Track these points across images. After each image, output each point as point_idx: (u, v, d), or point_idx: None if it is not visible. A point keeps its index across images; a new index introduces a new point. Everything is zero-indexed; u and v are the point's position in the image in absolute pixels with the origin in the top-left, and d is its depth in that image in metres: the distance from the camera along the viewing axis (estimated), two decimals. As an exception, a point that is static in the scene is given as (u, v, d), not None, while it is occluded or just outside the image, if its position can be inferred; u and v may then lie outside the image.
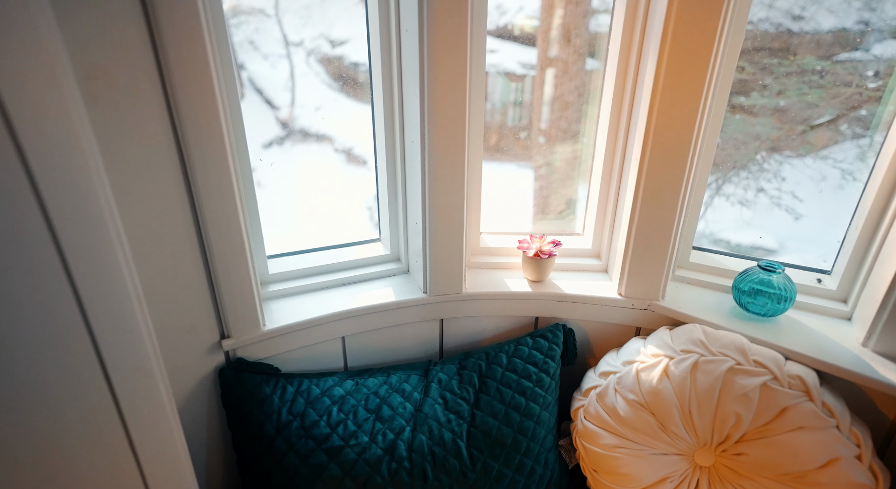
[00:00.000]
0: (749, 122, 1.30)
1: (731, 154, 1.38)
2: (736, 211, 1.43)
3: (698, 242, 1.37)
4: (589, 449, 1.13)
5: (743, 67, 1.22)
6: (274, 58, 1.27)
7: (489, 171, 1.43)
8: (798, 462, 0.94)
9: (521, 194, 1.46)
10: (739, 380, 0.99)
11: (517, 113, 1.38)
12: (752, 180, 1.41)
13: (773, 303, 1.12)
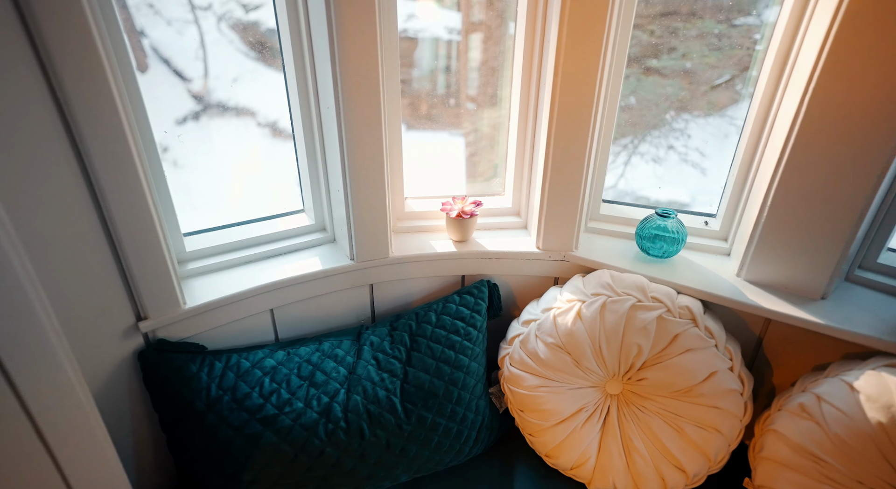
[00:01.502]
0: (660, 83, 1.39)
1: (644, 115, 1.47)
2: (650, 168, 1.55)
3: (622, 199, 1.48)
4: (515, 392, 1.23)
5: (653, 31, 1.30)
6: (179, 23, 1.18)
7: (421, 139, 1.45)
8: (687, 379, 1.08)
9: (454, 161, 1.49)
10: (640, 315, 1.11)
11: (446, 80, 1.39)
12: (663, 139, 1.52)
13: (669, 246, 1.25)
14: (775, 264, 1.13)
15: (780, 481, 1.01)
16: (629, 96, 1.52)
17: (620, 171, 1.63)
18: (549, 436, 1.19)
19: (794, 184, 1.05)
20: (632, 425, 1.14)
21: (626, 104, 1.47)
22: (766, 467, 1.04)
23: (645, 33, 1.36)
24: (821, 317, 1.05)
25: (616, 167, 1.58)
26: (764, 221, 1.11)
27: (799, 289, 1.12)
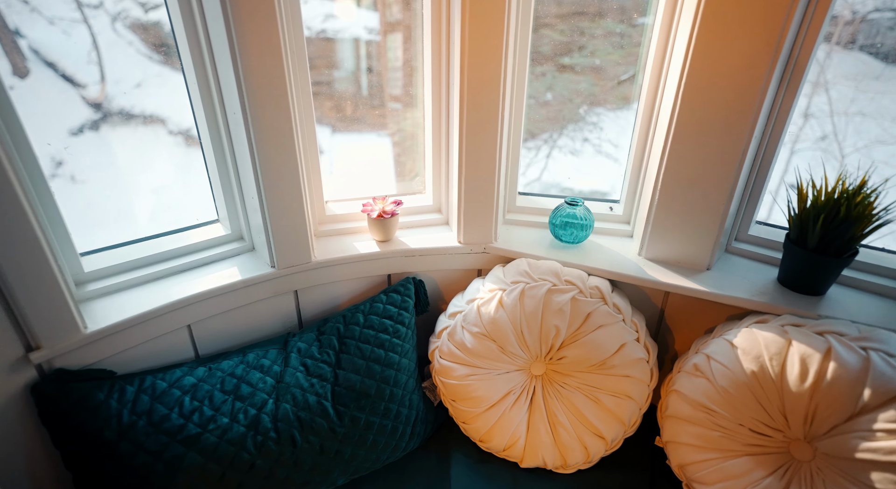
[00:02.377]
0: (574, 79, 1.48)
1: (561, 110, 1.56)
2: (569, 160, 1.65)
3: (549, 191, 1.55)
4: (446, 383, 1.27)
5: (563, 30, 1.38)
6: (65, 23, 1.08)
7: (349, 141, 1.44)
8: (600, 353, 1.17)
9: (383, 162, 1.49)
10: (556, 299, 1.19)
11: (369, 81, 1.39)
12: (579, 132, 1.62)
13: (579, 232, 1.34)
14: (668, 242, 1.26)
15: (682, 435, 1.13)
16: (546, 93, 1.61)
17: (543, 164, 1.72)
18: (481, 422, 1.24)
19: (677, 170, 1.17)
20: (555, 402, 1.22)
21: (544, 100, 1.56)
22: (670, 424, 1.16)
23: (555, 32, 1.45)
24: (707, 285, 1.19)
25: (539, 160, 1.67)
26: (656, 205, 1.24)
27: (689, 263, 1.26)
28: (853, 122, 1.29)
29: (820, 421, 0.95)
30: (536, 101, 1.55)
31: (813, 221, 1.07)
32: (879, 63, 1.19)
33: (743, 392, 1.03)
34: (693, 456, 1.11)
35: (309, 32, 1.28)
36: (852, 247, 1.07)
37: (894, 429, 0.87)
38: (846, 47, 1.25)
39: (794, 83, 1.10)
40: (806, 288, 1.13)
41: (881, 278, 1.13)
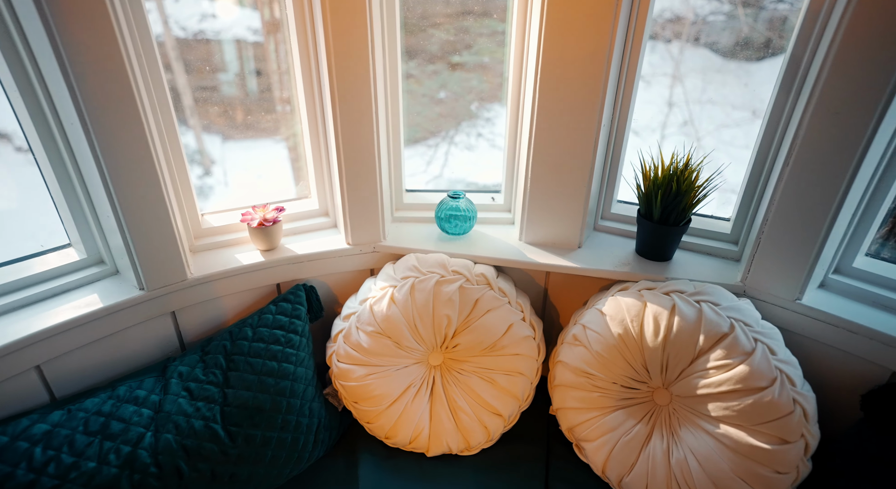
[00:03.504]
0: (465, 77, 1.52)
1: (454, 107, 1.60)
2: (465, 156, 1.69)
3: (453, 187, 1.57)
4: (346, 386, 1.26)
5: (448, 29, 1.41)
6: None
7: (242, 149, 1.35)
8: (491, 335, 1.24)
9: (280, 169, 1.43)
10: (444, 289, 1.24)
11: (259, 84, 1.32)
12: (473, 128, 1.67)
13: (463, 223, 1.40)
14: (543, 226, 1.37)
15: (568, 400, 1.23)
16: (440, 90, 1.64)
17: (443, 160, 1.76)
18: (384, 419, 1.25)
19: (542, 158, 1.27)
20: (454, 388, 1.27)
21: (438, 98, 1.59)
22: (558, 393, 1.26)
23: (443, 31, 1.49)
24: (579, 262, 1.31)
25: (439, 157, 1.71)
26: (529, 192, 1.33)
27: (562, 244, 1.37)
28: (705, 109, 1.49)
29: (672, 368, 1.10)
30: (431, 99, 1.59)
31: (654, 197, 1.22)
32: (719, 58, 1.38)
33: (613, 353, 1.15)
34: (578, 417, 1.21)
35: (184, 33, 1.19)
36: (686, 215, 1.24)
37: (721, 365, 1.03)
38: (694, 44, 1.44)
39: (631, 75, 1.25)
40: (656, 255, 1.29)
41: (710, 240, 1.32)
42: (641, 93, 1.36)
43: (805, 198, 1.03)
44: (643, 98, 1.47)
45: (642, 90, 1.42)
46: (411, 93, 1.52)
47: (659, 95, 1.45)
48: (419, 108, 1.58)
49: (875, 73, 0.89)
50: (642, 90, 1.42)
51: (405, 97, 1.41)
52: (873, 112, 0.92)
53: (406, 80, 1.44)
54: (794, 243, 1.08)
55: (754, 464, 0.99)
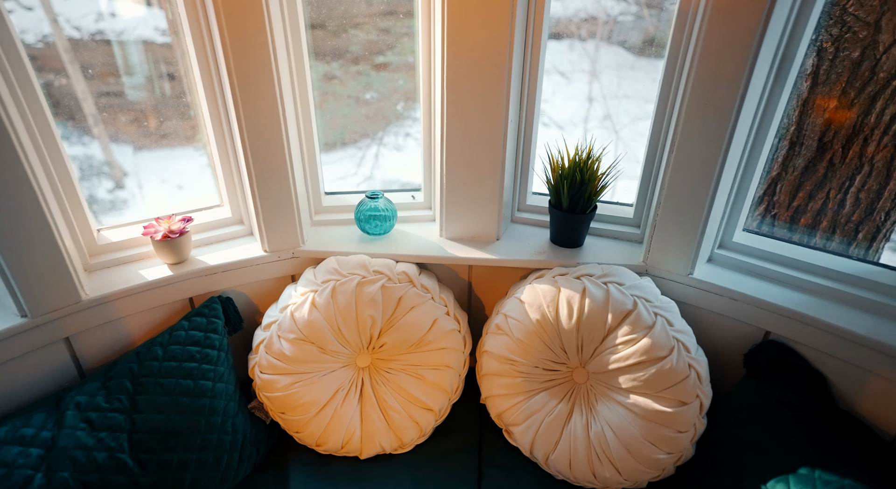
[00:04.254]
0: (390, 77, 1.50)
1: (381, 108, 1.58)
2: (395, 156, 1.68)
3: (388, 187, 1.56)
4: (271, 397, 1.22)
5: (369, 29, 1.38)
6: None
7: (159, 158, 1.26)
8: (416, 332, 1.25)
9: (201, 178, 1.35)
10: (366, 290, 1.23)
11: (173, 89, 1.22)
12: (401, 128, 1.66)
13: (383, 223, 1.40)
14: (462, 221, 1.40)
15: (495, 388, 1.27)
16: (365, 91, 1.62)
17: (373, 161, 1.74)
18: (314, 427, 1.23)
19: (455, 154, 1.30)
20: (383, 388, 1.27)
21: (364, 99, 1.57)
22: (486, 381, 1.30)
23: (363, 32, 1.47)
24: (498, 254, 1.35)
25: (368, 159, 1.69)
26: (445, 188, 1.36)
27: (482, 237, 1.42)
28: (622, 103, 1.58)
29: (587, 347, 1.17)
30: (356, 101, 1.56)
31: (562, 187, 1.29)
32: (631, 55, 1.47)
33: (533, 339, 1.21)
34: (505, 403, 1.26)
35: (78, 34, 1.10)
36: (592, 203, 1.32)
37: (628, 340, 1.11)
38: (608, 42, 1.52)
39: (534, 72, 1.31)
40: (569, 242, 1.36)
41: (616, 225, 1.42)
42: (563, 89, 1.43)
43: (687, 181, 1.14)
44: (566, 94, 1.54)
45: (564, 86, 1.49)
46: (335, 94, 1.50)
47: (580, 91, 1.54)
48: (345, 109, 1.56)
49: (733, 68, 1.00)
50: (564, 86, 1.49)
51: (317, 98, 1.39)
52: (733, 104, 1.03)
53: (329, 82, 1.42)
54: (682, 224, 1.18)
55: (659, 427, 1.08)
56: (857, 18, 1.16)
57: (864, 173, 1.27)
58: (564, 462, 1.18)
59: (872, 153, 1.24)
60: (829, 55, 1.20)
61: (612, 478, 1.14)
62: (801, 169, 1.31)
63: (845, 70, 1.19)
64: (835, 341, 1.04)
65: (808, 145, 1.28)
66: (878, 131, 1.22)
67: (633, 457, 1.10)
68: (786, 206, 1.35)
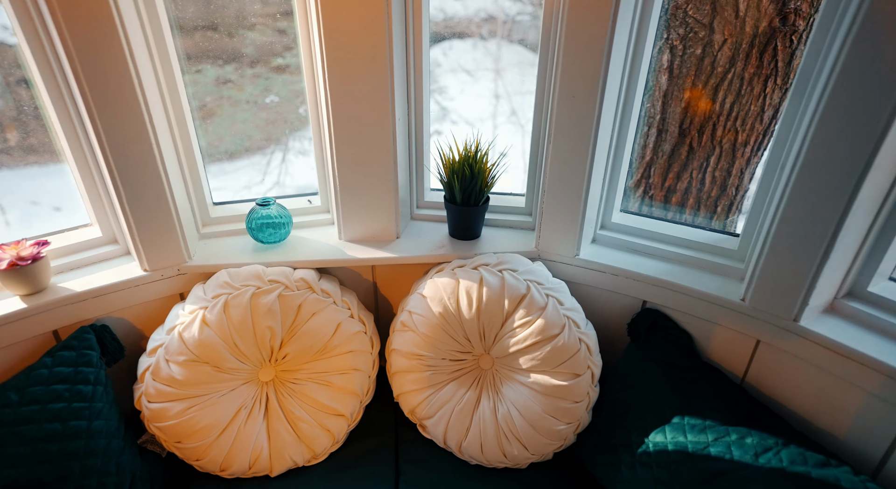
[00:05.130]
0: (291, 80, 1.42)
1: (282, 111, 1.49)
2: (302, 161, 1.60)
3: (303, 192, 1.49)
4: (163, 427, 1.13)
5: (263, 30, 1.31)
6: None
7: (22, 177, 1.11)
8: (320, 338, 1.22)
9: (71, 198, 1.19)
10: (262, 301, 1.18)
11: (32, 97, 1.04)
12: (306, 132, 1.58)
13: (278, 230, 1.35)
14: (360, 222, 1.39)
15: (405, 384, 1.28)
16: (265, 95, 1.52)
17: (281, 168, 1.65)
18: (215, 452, 1.15)
19: (345, 155, 1.29)
20: (290, 400, 1.23)
21: (265, 103, 1.48)
22: (396, 379, 1.30)
23: (257, 33, 1.38)
24: (399, 252, 1.36)
25: (275, 165, 1.60)
26: (339, 190, 1.33)
27: (381, 237, 1.41)
28: (525, 98, 1.64)
29: (488, 334, 1.22)
30: (256, 105, 1.47)
31: (454, 182, 1.33)
32: (531, 53, 1.52)
33: (437, 332, 1.23)
34: (417, 398, 1.27)
35: None
36: (484, 195, 1.37)
37: (524, 323, 1.17)
38: (509, 41, 1.57)
39: (419, 71, 1.33)
40: (466, 235, 1.41)
41: (511, 215, 1.49)
42: (471, 87, 1.46)
43: (565, 170, 1.23)
44: (473, 91, 1.57)
45: (471, 84, 1.51)
46: (232, 99, 1.41)
47: (486, 88, 1.58)
48: (244, 114, 1.48)
49: (591, 62, 1.09)
50: (471, 84, 1.51)
51: (211, 104, 1.30)
52: (596, 96, 1.12)
53: (223, 86, 1.34)
54: (565, 209, 1.27)
55: (558, 400, 1.16)
56: (696, 20, 1.32)
57: (716, 155, 1.44)
58: (476, 447, 1.22)
59: (721, 136, 1.42)
60: (679, 52, 1.35)
61: (520, 455, 1.20)
62: (668, 153, 1.46)
63: (692, 65, 1.35)
64: (694, 302, 1.17)
65: (671, 132, 1.44)
66: (722, 117, 1.40)
67: (537, 431, 1.17)
68: (660, 186, 1.50)
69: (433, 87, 1.70)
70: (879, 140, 0.84)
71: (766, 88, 1.33)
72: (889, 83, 0.81)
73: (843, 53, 0.84)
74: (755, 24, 1.26)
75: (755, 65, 1.31)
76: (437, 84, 1.79)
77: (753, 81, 1.32)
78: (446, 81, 1.67)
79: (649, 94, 1.37)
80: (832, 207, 0.92)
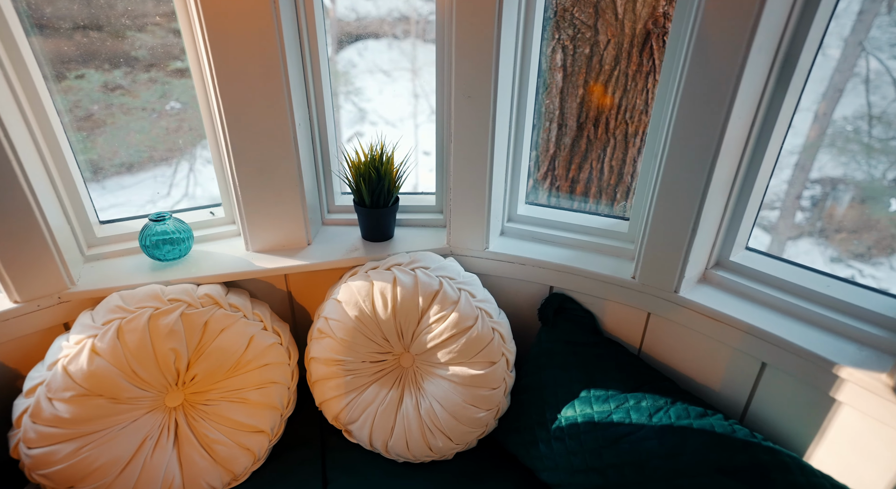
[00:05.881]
0: (192, 84, 1.30)
1: (186, 119, 1.37)
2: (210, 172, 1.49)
3: (216, 201, 1.39)
4: (51, 473, 1.02)
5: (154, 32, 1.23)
6: None
7: None
8: (231, 355, 1.17)
9: None
10: (162, 322, 1.10)
11: None
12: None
13: (177, 246, 1.27)
14: (267, 231, 1.34)
15: (327, 391, 1.26)
16: (167, 101, 1.40)
17: (188, 180, 1.54)
18: (119, 490, 1.07)
19: (245, 163, 1.24)
20: (202, 423, 1.16)
21: (164, 109, 1.36)
22: (317, 387, 1.28)
23: (148, 34, 1.26)
24: (311, 259, 1.34)
25: (183, 177, 1.48)
26: (241, 200, 1.28)
27: (292, 245, 1.38)
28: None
29: (406, 332, 1.23)
30: (155, 113, 1.36)
31: (361, 185, 1.33)
32: None
33: (355, 335, 1.22)
34: (339, 404, 1.26)
35: None
36: (393, 196, 1.39)
37: (439, 318, 1.20)
38: (424, 41, 1.57)
39: (317, 77, 1.31)
40: (379, 236, 1.41)
41: (423, 214, 1.52)
42: (389, 87, 1.44)
43: (467, 166, 1.27)
44: (392, 91, 1.56)
45: (389, 84, 1.50)
46: (125, 107, 1.30)
47: (404, 88, 1.58)
48: (141, 123, 1.36)
49: (482, 62, 1.14)
50: (389, 84, 1.50)
51: (101, 114, 1.20)
52: (489, 94, 1.18)
53: (112, 93, 1.23)
54: (471, 205, 1.32)
55: (476, 389, 1.20)
56: (582, 22, 1.42)
57: (611, 146, 1.57)
58: (402, 444, 1.23)
59: (614, 129, 1.54)
60: (571, 51, 1.45)
61: (445, 446, 1.23)
62: (569, 146, 1.56)
63: (583, 63, 1.45)
64: (594, 284, 1.27)
65: (570, 126, 1.54)
66: (613, 111, 1.52)
67: (459, 421, 1.21)
68: (565, 178, 1.60)
69: (349, 89, 1.69)
70: (723, 130, 0.97)
71: (647, 84, 1.47)
72: (722, 82, 0.93)
73: (688, 54, 0.96)
74: (633, 25, 1.39)
75: (636, 63, 1.44)
76: (352, 85, 1.77)
77: (636, 77, 1.46)
78: (363, 82, 1.66)
79: (546, 90, 1.46)
80: (694, 189, 1.04)
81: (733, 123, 0.97)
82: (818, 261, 1.40)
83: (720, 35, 0.91)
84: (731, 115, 0.95)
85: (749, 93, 0.96)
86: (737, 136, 1.01)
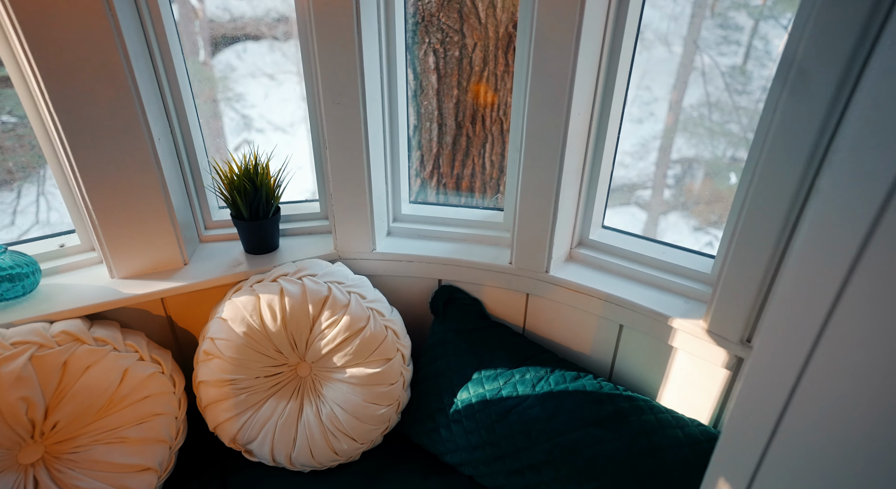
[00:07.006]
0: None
1: (25, 135, 1.18)
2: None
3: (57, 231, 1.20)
4: None
5: None
6: None
7: None
8: (101, 393, 1.07)
9: None
10: (4, 370, 0.98)
11: None
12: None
13: (19, 282, 1.13)
14: (135, 256, 1.24)
15: (220, 414, 1.21)
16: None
17: (40, 204, 1.35)
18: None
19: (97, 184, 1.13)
20: (72, 473, 1.05)
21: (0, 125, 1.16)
22: (210, 411, 1.22)
23: None
24: (189, 279, 1.26)
25: (30, 203, 1.28)
26: (99, 224, 1.17)
27: (166, 266, 1.29)
28: None
29: (299, 342, 1.22)
30: None
31: (237, 198, 1.28)
32: None
33: (246, 352, 1.19)
34: (235, 425, 1.22)
35: None
36: (273, 206, 1.36)
37: (331, 323, 1.21)
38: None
39: (174, 88, 1.24)
40: (262, 248, 1.38)
41: (308, 222, 1.51)
42: (275, 91, 1.36)
43: (345, 170, 1.29)
44: (278, 96, 1.48)
45: (275, 88, 1.41)
46: None
47: (292, 92, 1.51)
48: None
49: (347, 66, 1.16)
50: (275, 88, 1.41)
51: None
52: (357, 99, 1.20)
53: None
54: (354, 208, 1.34)
55: (375, 387, 1.23)
56: (449, 26, 1.50)
57: (489, 142, 1.67)
58: (306, 454, 1.23)
59: (490, 126, 1.64)
60: (441, 54, 1.52)
61: (350, 448, 1.24)
62: (450, 144, 1.63)
63: (454, 65, 1.53)
64: (477, 273, 1.37)
65: (449, 125, 1.61)
66: (488, 109, 1.62)
67: (361, 421, 1.23)
68: (450, 175, 1.67)
69: (228, 96, 1.59)
70: (566, 124, 1.10)
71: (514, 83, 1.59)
72: (559, 83, 1.06)
73: (531, 55, 1.07)
74: (496, 29, 1.49)
75: (503, 63, 1.55)
76: (232, 91, 1.68)
77: (505, 77, 1.57)
78: (245, 87, 1.59)
79: (423, 92, 1.52)
80: (550, 179, 1.16)
81: (574, 119, 1.10)
82: (685, 231, 1.62)
83: (553, 34, 1.02)
84: (572, 112, 1.08)
85: (584, 90, 1.10)
86: (579, 130, 1.15)
